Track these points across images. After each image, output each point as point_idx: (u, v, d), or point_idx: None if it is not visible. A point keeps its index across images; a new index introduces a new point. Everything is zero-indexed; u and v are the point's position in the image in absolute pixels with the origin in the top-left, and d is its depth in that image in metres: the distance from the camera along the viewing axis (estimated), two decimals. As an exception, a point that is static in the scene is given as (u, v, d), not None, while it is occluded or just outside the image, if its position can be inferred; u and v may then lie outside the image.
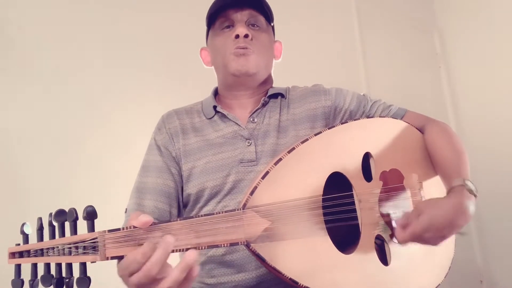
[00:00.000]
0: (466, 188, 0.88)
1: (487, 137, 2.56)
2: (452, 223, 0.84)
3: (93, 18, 1.91)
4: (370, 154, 0.98)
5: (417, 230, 0.83)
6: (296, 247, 0.83)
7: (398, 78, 2.71)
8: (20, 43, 1.75)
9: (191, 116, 1.17)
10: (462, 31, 2.80)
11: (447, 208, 0.84)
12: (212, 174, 1.04)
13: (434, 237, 0.84)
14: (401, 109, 1.14)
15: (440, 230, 0.84)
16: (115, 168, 1.77)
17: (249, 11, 1.12)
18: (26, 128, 1.69)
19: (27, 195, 1.64)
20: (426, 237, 0.84)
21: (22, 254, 0.73)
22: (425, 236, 0.84)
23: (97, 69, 1.86)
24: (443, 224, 0.83)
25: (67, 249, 0.69)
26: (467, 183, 0.89)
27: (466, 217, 0.85)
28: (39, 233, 0.74)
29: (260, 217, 0.80)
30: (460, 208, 0.85)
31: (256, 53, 1.10)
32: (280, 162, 0.87)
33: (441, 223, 0.83)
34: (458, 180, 0.90)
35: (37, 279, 0.72)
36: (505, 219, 2.48)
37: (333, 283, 0.84)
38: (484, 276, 2.61)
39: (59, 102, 1.77)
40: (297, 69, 2.02)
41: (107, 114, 1.85)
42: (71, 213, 0.70)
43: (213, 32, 1.16)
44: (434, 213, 0.84)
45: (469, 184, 0.89)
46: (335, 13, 2.64)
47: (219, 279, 1.00)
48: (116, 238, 0.68)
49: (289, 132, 1.08)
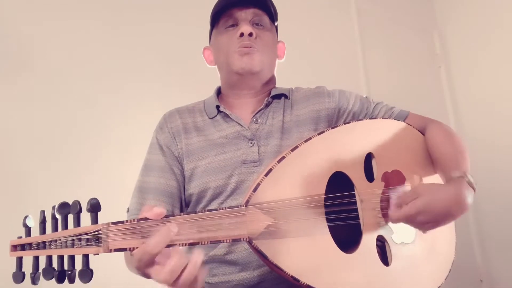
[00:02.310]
0: (466, 180, 0.88)
1: (487, 137, 2.57)
2: (448, 211, 0.84)
3: (94, 18, 1.91)
4: (372, 154, 0.98)
5: (412, 212, 0.84)
6: (298, 245, 0.83)
7: (398, 78, 2.71)
8: (20, 43, 1.75)
9: (194, 115, 1.16)
10: (462, 31, 2.81)
11: (445, 195, 0.85)
12: (215, 174, 1.03)
13: (427, 222, 0.85)
14: (404, 111, 1.15)
15: (434, 216, 0.84)
16: (115, 168, 1.78)
17: (253, 10, 1.12)
18: (28, 123, 1.70)
19: (29, 189, 1.64)
20: (419, 220, 0.84)
21: (24, 247, 0.73)
22: (419, 219, 0.84)
23: (97, 68, 1.87)
24: (439, 210, 0.84)
25: (69, 242, 0.68)
26: (467, 175, 0.89)
27: (463, 207, 0.85)
28: (41, 226, 0.73)
29: (262, 214, 0.80)
30: (459, 197, 0.85)
31: (260, 51, 1.10)
32: (283, 160, 0.87)
33: (437, 209, 0.84)
34: (458, 172, 0.90)
35: (39, 272, 0.71)
36: (505, 219, 2.49)
37: (334, 281, 0.84)
38: (484, 276, 2.62)
39: (61, 99, 1.78)
40: (297, 69, 2.02)
41: (107, 113, 1.85)
42: (75, 205, 0.70)
43: (217, 31, 1.16)
44: (431, 197, 0.84)
45: (469, 177, 0.89)
46: (335, 13, 2.64)
47: (221, 278, 1.00)
48: (120, 231, 0.68)
49: (293, 134, 1.08)
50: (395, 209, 0.87)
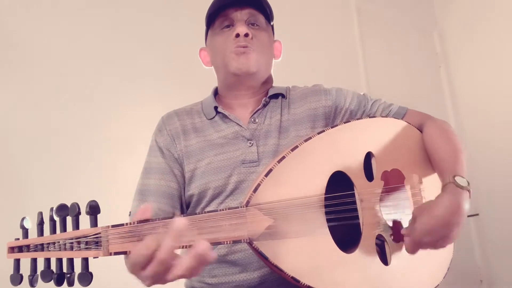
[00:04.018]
0: (456, 184, 0.87)
1: (487, 137, 2.57)
2: (448, 223, 0.83)
3: (94, 19, 1.90)
4: (372, 153, 0.98)
5: (415, 238, 0.84)
6: (298, 246, 0.82)
7: (398, 78, 2.71)
8: (21, 43, 1.75)
9: (192, 117, 1.15)
10: (462, 31, 2.81)
11: (438, 210, 0.84)
12: (215, 175, 1.03)
13: (436, 240, 0.84)
14: (402, 108, 1.14)
15: (437, 232, 0.83)
16: (115, 168, 1.78)
17: (249, 10, 1.11)
18: (28, 127, 1.69)
19: (27, 191, 1.63)
20: (428, 241, 0.84)
21: (22, 248, 0.72)
22: (426, 241, 0.84)
23: (97, 69, 1.86)
24: (437, 226, 0.83)
25: (68, 244, 0.68)
26: (456, 180, 0.88)
27: (459, 214, 0.84)
28: (39, 228, 0.73)
29: (263, 215, 0.80)
30: (452, 207, 0.84)
31: (257, 51, 1.09)
32: (283, 160, 0.86)
33: (435, 225, 0.83)
34: (448, 178, 0.89)
35: (37, 274, 0.71)
36: (505, 219, 2.49)
37: (334, 282, 0.84)
38: (484, 276, 2.62)
39: (59, 102, 1.77)
40: (297, 69, 2.02)
41: (107, 114, 1.85)
42: (74, 207, 0.69)
43: (213, 32, 1.15)
44: (425, 218, 0.84)
45: (458, 180, 0.87)
46: (335, 13, 2.64)
47: (221, 278, 1.00)
48: (119, 234, 0.67)
49: (290, 133, 1.08)
50: (406, 240, 0.87)
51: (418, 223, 0.84)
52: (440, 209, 0.84)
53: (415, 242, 0.85)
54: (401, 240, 0.92)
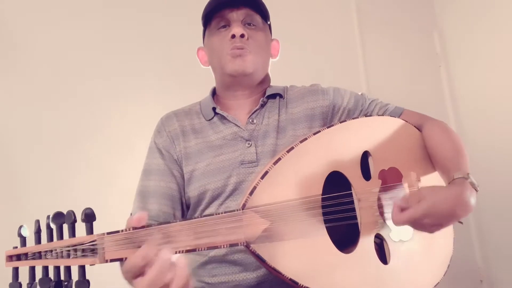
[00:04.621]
0: (469, 181, 0.88)
1: (487, 137, 2.56)
2: (452, 213, 0.84)
3: (93, 19, 1.91)
4: (368, 153, 0.98)
5: (416, 215, 0.83)
6: (296, 247, 0.82)
7: (398, 78, 2.70)
8: (20, 43, 1.75)
9: (191, 118, 1.16)
10: (462, 31, 2.80)
11: (448, 197, 0.84)
12: (214, 176, 1.04)
13: (432, 224, 0.84)
14: (398, 108, 1.14)
15: (439, 218, 0.84)
16: (114, 170, 1.77)
17: (245, 10, 1.11)
18: (24, 129, 1.68)
19: (24, 198, 1.63)
20: (424, 223, 0.84)
21: (20, 257, 0.73)
22: (423, 222, 0.84)
23: (96, 70, 1.86)
24: (443, 212, 0.83)
25: (65, 252, 0.68)
26: (469, 176, 0.89)
27: (467, 208, 0.85)
28: (36, 235, 0.73)
29: (259, 217, 0.80)
30: (462, 199, 0.85)
31: (253, 52, 1.10)
32: (279, 162, 0.86)
33: (441, 211, 0.83)
34: (460, 173, 0.90)
35: (35, 282, 0.71)
36: (505, 219, 2.48)
37: (333, 283, 0.84)
38: (484, 276, 2.60)
39: (58, 103, 1.76)
40: (297, 69, 2.02)
41: (106, 115, 1.84)
42: (69, 215, 0.69)
43: (209, 32, 1.16)
44: (435, 199, 0.84)
45: (471, 178, 0.89)
46: (335, 13, 2.64)
47: (220, 278, 1.00)
48: (115, 241, 0.67)
49: (288, 132, 1.08)
50: (398, 212, 0.86)
51: (425, 202, 0.83)
52: (452, 198, 0.84)
53: (413, 219, 0.84)
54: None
